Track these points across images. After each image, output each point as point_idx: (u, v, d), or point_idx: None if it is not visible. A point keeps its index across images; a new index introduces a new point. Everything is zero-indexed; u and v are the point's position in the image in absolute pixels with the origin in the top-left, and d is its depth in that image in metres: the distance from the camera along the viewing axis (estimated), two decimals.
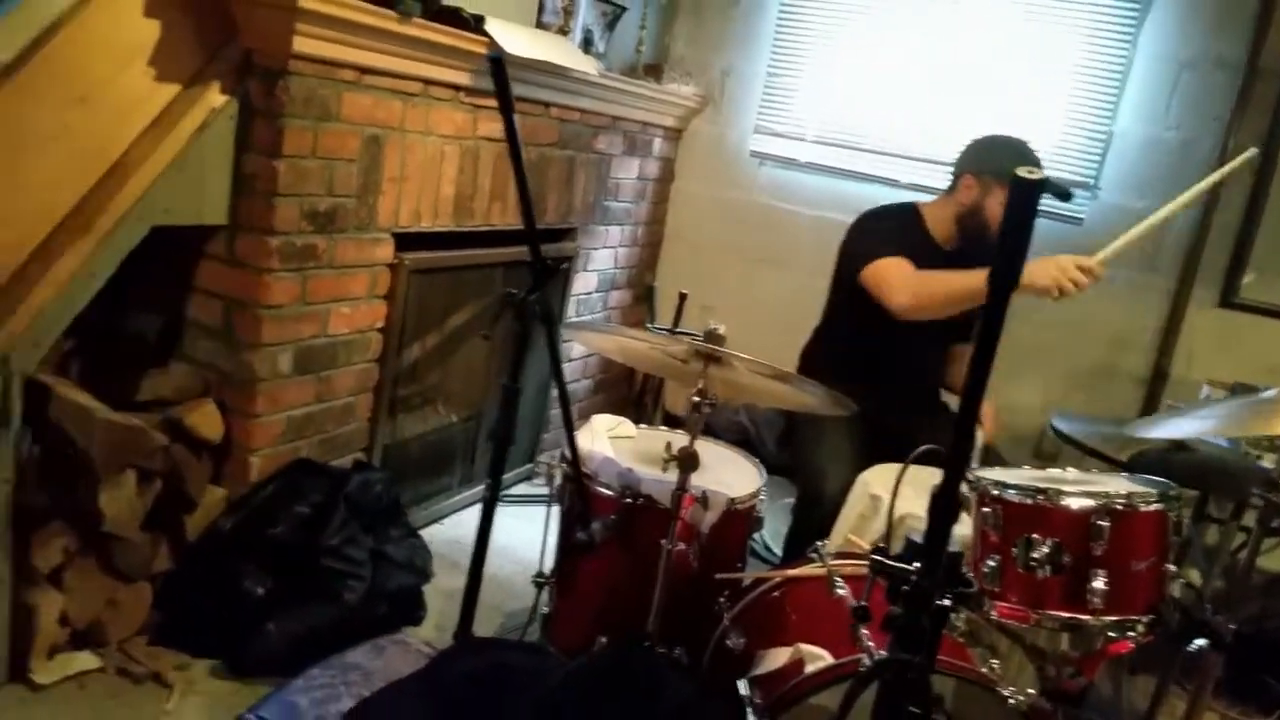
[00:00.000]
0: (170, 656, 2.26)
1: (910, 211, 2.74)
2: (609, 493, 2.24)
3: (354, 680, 2.02)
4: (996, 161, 2.57)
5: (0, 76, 1.81)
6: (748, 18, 3.84)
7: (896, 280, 2.48)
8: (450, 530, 3.14)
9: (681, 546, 2.12)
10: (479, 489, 3.34)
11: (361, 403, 2.70)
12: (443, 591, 2.70)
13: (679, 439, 2.07)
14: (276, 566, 2.33)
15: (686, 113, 3.88)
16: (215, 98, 2.16)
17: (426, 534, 2.86)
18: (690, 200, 4.04)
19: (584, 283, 3.59)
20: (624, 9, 3.46)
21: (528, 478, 3.61)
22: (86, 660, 2.19)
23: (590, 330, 2.40)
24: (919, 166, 3.54)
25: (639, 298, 3.97)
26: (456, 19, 2.42)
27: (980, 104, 3.42)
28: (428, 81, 2.53)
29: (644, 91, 3.50)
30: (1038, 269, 2.20)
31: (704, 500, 2.15)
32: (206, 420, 2.33)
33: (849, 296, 2.65)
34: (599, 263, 3.66)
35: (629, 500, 2.23)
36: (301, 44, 2.12)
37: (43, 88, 1.88)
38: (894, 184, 3.58)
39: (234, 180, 2.25)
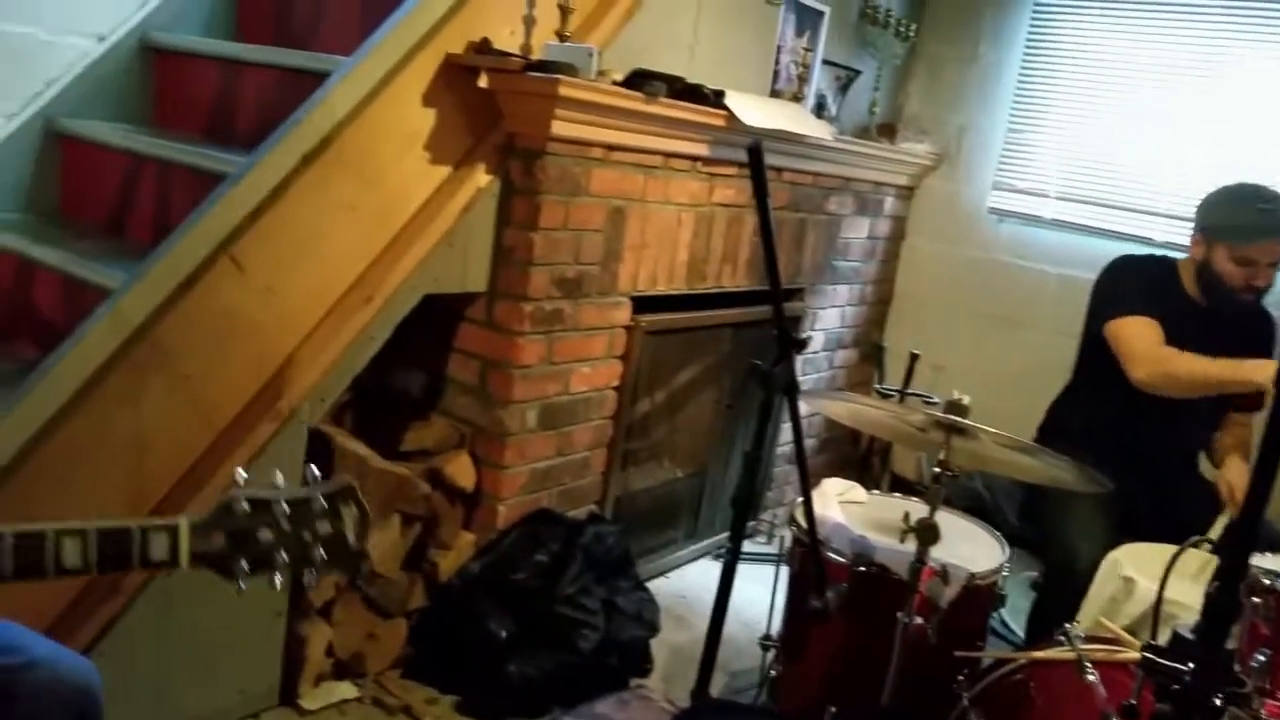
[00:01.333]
0: (421, 690, 2.43)
1: (1166, 265, 2.62)
2: (840, 559, 2.24)
3: None
4: (1215, 217, 2.45)
5: (304, 163, 2.05)
6: (987, 74, 3.78)
7: (1140, 349, 2.37)
8: (674, 584, 3.21)
9: (919, 620, 2.09)
10: (704, 544, 3.42)
11: (596, 457, 2.84)
12: (668, 645, 2.76)
13: (916, 508, 2.05)
14: (517, 611, 2.47)
15: (920, 171, 3.85)
16: (481, 177, 2.35)
17: (651, 587, 2.94)
18: (922, 258, 3.98)
19: (811, 342, 3.61)
20: (858, 72, 3.49)
21: (750, 535, 3.64)
22: (347, 689, 2.40)
23: (829, 398, 2.42)
24: (1174, 224, 3.34)
25: (866, 356, 3.94)
26: (698, 95, 2.53)
27: (1241, 157, 3.20)
28: (668, 154, 2.66)
29: (877, 152, 3.50)
30: None
31: (944, 574, 2.11)
32: (462, 470, 2.52)
33: (1095, 352, 2.55)
34: (826, 322, 3.67)
35: (861, 569, 2.22)
36: (559, 127, 2.29)
37: (338, 172, 2.12)
38: (1148, 242, 3.40)
39: (494, 251, 2.44)
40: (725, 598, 1.82)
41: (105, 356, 1.84)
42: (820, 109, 3.37)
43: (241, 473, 1.03)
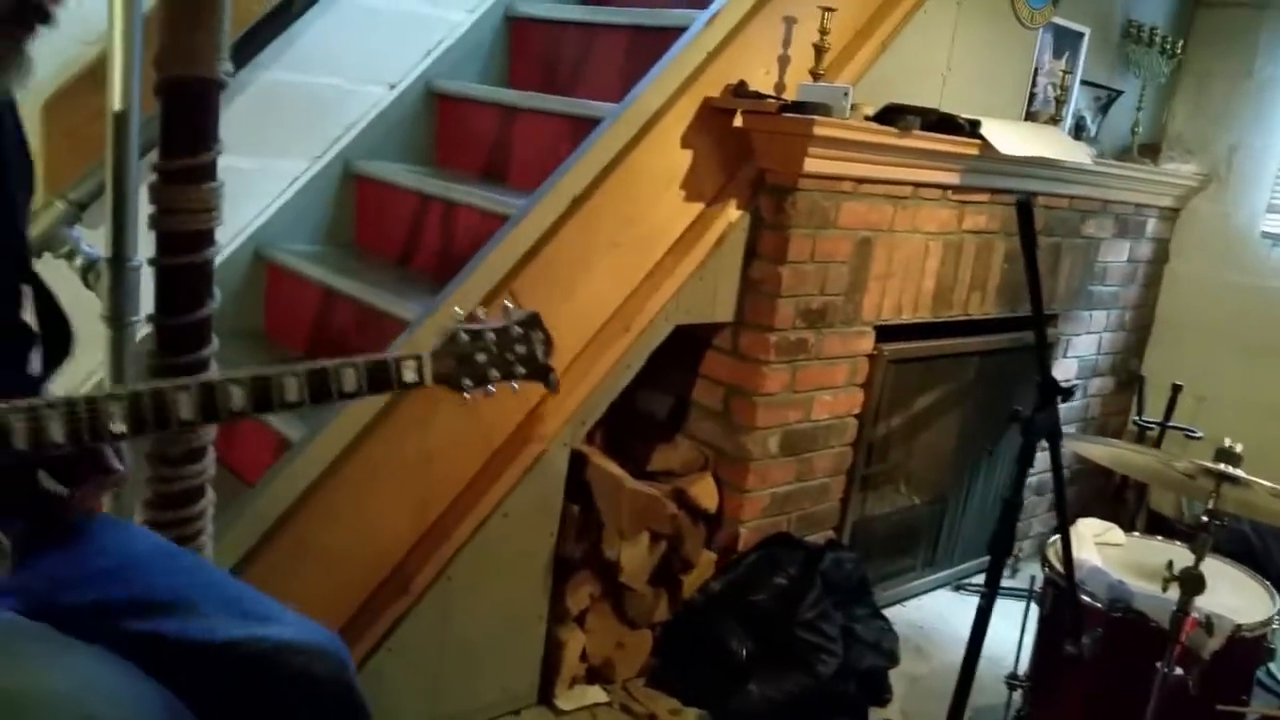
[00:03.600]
0: (665, 700, 2.55)
1: None
2: (1095, 604, 2.18)
3: None
4: None
5: (575, 206, 2.22)
6: (1262, 91, 3.51)
7: None
8: (911, 613, 3.18)
9: (1179, 672, 2.00)
10: (942, 574, 3.37)
11: (835, 484, 2.87)
12: (906, 676, 2.76)
13: (1180, 554, 1.97)
14: (757, 631, 2.54)
15: (1185, 192, 3.62)
16: (732, 213, 2.45)
17: (888, 615, 2.93)
18: (1186, 283, 3.74)
19: (1063, 370, 3.48)
20: (1120, 92, 3.34)
21: None
22: (597, 694, 2.55)
23: (1089, 441, 2.35)
24: None
25: (1123, 385, 3.75)
26: (953, 126, 2.52)
27: None
28: (918, 184, 2.66)
29: (1139, 174, 3.34)
30: None
31: (1208, 625, 2.01)
32: (706, 492, 2.62)
33: None
34: (1080, 349, 3.53)
35: (1118, 615, 2.15)
36: (811, 164, 2.35)
37: (604, 212, 2.27)
38: None
39: (741, 283, 2.53)
40: (979, 639, 1.82)
41: None
42: (1079, 130, 3.25)
43: (458, 310, 1.29)
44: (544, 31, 3.02)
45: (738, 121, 2.38)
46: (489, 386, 1.28)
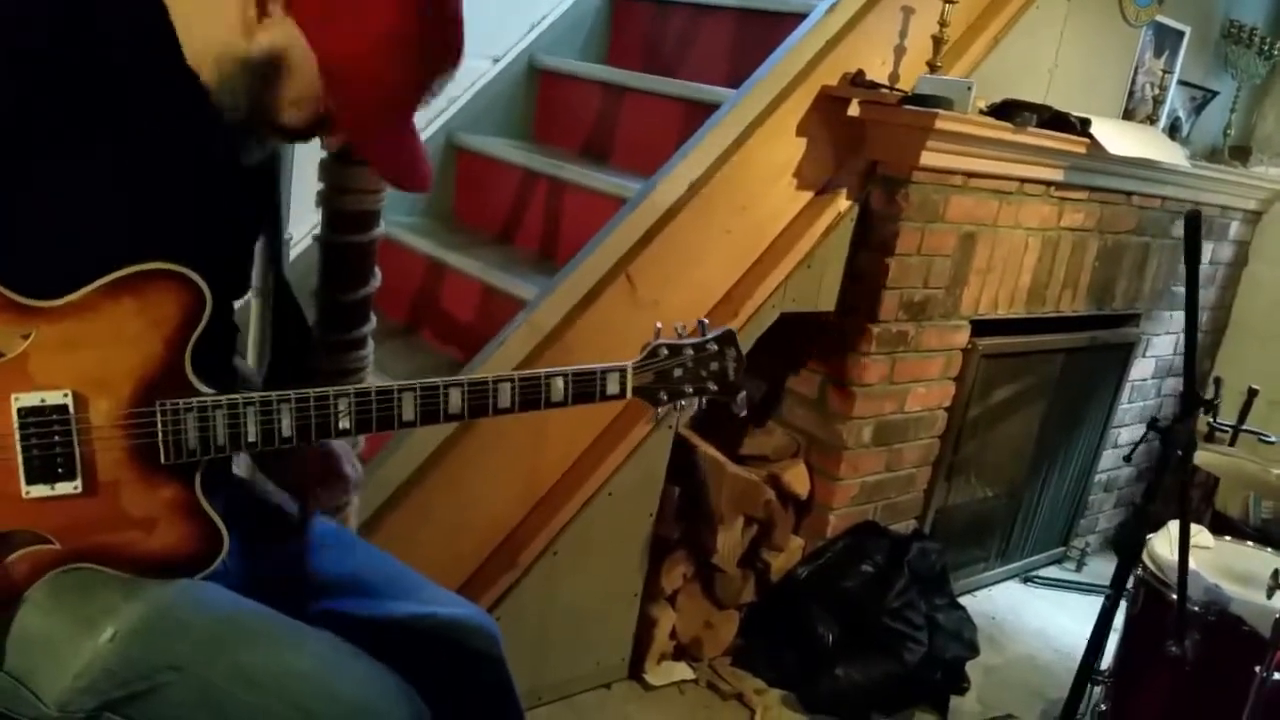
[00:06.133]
0: (750, 680, 2.59)
1: None
2: (1191, 607, 2.19)
3: None
4: None
5: (691, 191, 2.23)
6: None
7: None
8: (982, 604, 3.21)
9: (1277, 677, 2.02)
10: (1013, 565, 3.40)
11: (921, 474, 2.89)
12: (982, 666, 2.79)
13: (1270, 560, 1.98)
14: (844, 617, 2.58)
15: (1271, 195, 3.60)
16: (841, 203, 2.45)
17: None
18: (1264, 286, 3.73)
19: (1141, 369, 3.49)
20: (1215, 93, 3.32)
21: (1059, 560, 3.58)
22: (684, 671, 2.59)
23: (1212, 451, 2.36)
24: None
25: None
26: (1065, 124, 2.52)
27: None
28: (1023, 180, 2.65)
29: (1230, 177, 3.32)
30: None
31: None
32: (798, 479, 2.65)
33: None
34: (1158, 349, 3.53)
35: (1213, 618, 2.17)
36: (927, 157, 2.35)
37: (718, 198, 2.28)
38: None
39: (847, 274, 2.54)
40: (1102, 637, 1.83)
41: (521, 359, 2.10)
42: (1173, 131, 3.24)
43: (659, 324, 1.30)
44: (647, 10, 3.02)
45: (853, 111, 2.38)
46: (681, 402, 1.28)
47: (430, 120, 2.87)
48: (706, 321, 1.32)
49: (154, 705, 1.01)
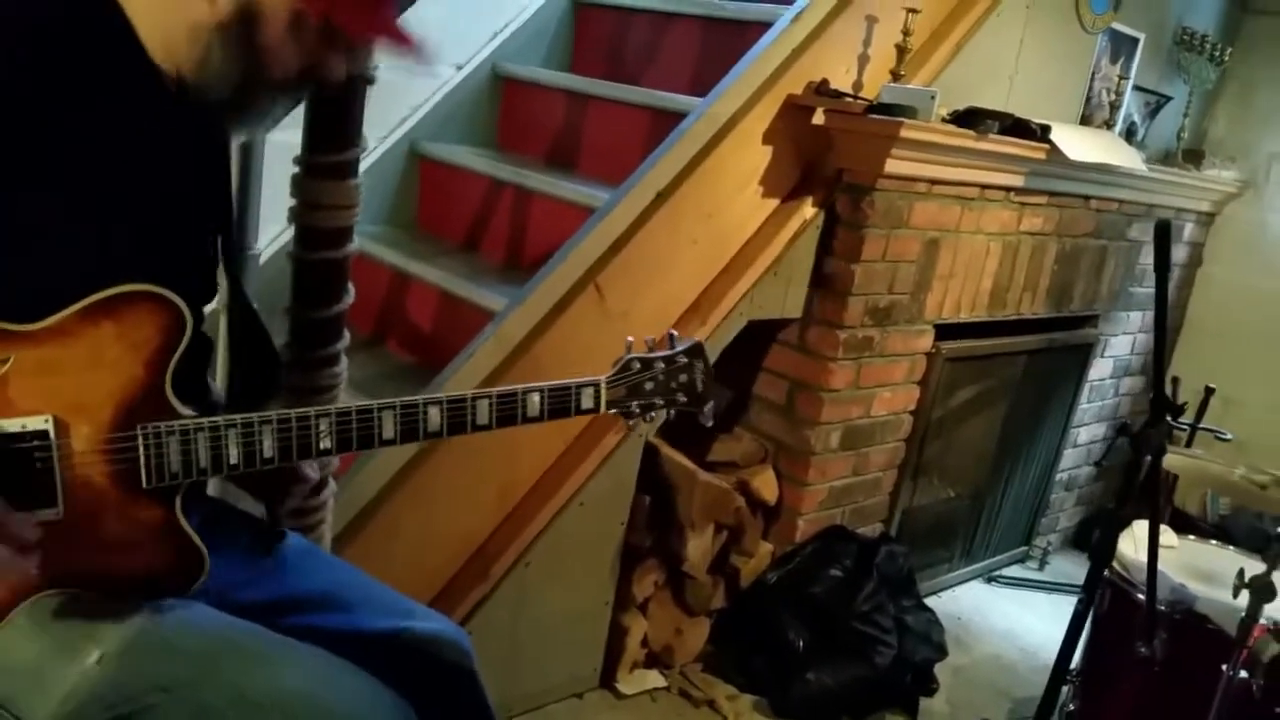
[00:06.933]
0: (722, 686, 2.60)
1: None
2: (1157, 607, 2.23)
3: None
4: None
5: (659, 199, 2.23)
6: None
7: None
8: (947, 605, 3.24)
9: (1244, 675, 2.06)
10: (975, 566, 3.45)
11: (887, 478, 2.92)
12: (949, 667, 2.81)
13: (1248, 563, 2.02)
14: (814, 622, 2.59)
15: (1224, 198, 3.68)
16: (807, 210, 2.47)
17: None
18: (1217, 287, 3.81)
19: (1099, 369, 3.54)
20: (1168, 98, 3.38)
21: (1021, 560, 3.62)
22: (656, 679, 2.59)
23: (1179, 454, 2.40)
24: None
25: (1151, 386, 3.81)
26: (1026, 131, 2.55)
27: None
28: (984, 186, 2.69)
29: (1185, 180, 3.39)
30: None
31: (1276, 632, 2.07)
32: (767, 484, 2.66)
33: None
34: (1116, 349, 3.59)
35: (1177, 617, 2.21)
36: (892, 165, 2.37)
37: (686, 207, 2.28)
38: None
39: (812, 280, 2.56)
40: (1074, 639, 1.86)
41: (490, 371, 2.08)
42: (1129, 135, 3.29)
43: (630, 338, 1.30)
44: (611, 17, 3.02)
45: (818, 120, 2.40)
46: (651, 414, 1.29)
47: (393, 128, 2.84)
48: (676, 334, 1.33)
49: None
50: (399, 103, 2.85)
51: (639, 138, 2.58)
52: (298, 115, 1.52)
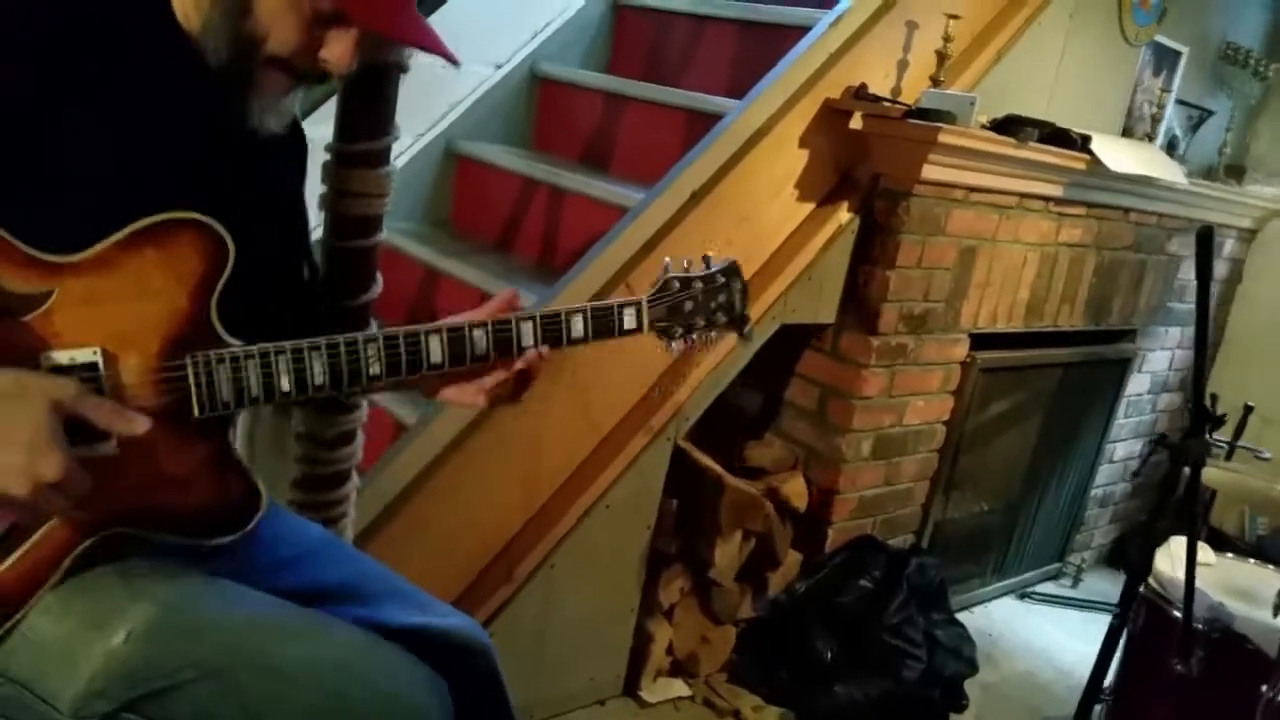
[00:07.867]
0: (747, 697, 2.56)
1: None
2: (1196, 625, 2.18)
3: None
4: None
5: (693, 200, 2.21)
6: None
7: None
8: (979, 620, 3.19)
9: None
10: (1008, 581, 3.39)
11: (919, 488, 2.88)
12: (979, 683, 2.76)
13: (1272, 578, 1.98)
14: (841, 633, 2.55)
15: (1265, 214, 3.61)
16: (842, 215, 2.44)
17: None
18: (1258, 305, 3.74)
19: (1137, 384, 3.49)
20: (1211, 112, 3.33)
21: (1054, 576, 3.56)
22: (680, 687, 2.56)
23: (1218, 468, 2.35)
24: None
25: (1188, 403, 3.74)
26: (1066, 140, 2.52)
27: None
28: (1023, 195, 2.65)
29: (1226, 195, 3.33)
30: None
31: None
32: (797, 492, 2.63)
33: None
34: (1154, 364, 3.53)
35: (1215, 636, 2.16)
36: (929, 171, 2.35)
37: (720, 209, 2.26)
38: None
39: (846, 286, 2.53)
40: (1107, 660, 1.82)
41: None
42: (1171, 149, 3.25)
43: (668, 259, 1.27)
44: (651, 20, 3.02)
45: (856, 124, 2.38)
46: (692, 336, 1.26)
47: (430, 126, 2.85)
48: (711, 255, 1.31)
49: (175, 703, 0.99)
50: (438, 100, 2.85)
51: (674, 139, 2.57)
52: (330, 109, 1.53)
